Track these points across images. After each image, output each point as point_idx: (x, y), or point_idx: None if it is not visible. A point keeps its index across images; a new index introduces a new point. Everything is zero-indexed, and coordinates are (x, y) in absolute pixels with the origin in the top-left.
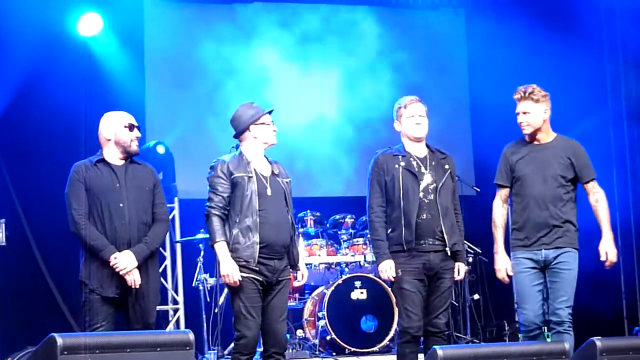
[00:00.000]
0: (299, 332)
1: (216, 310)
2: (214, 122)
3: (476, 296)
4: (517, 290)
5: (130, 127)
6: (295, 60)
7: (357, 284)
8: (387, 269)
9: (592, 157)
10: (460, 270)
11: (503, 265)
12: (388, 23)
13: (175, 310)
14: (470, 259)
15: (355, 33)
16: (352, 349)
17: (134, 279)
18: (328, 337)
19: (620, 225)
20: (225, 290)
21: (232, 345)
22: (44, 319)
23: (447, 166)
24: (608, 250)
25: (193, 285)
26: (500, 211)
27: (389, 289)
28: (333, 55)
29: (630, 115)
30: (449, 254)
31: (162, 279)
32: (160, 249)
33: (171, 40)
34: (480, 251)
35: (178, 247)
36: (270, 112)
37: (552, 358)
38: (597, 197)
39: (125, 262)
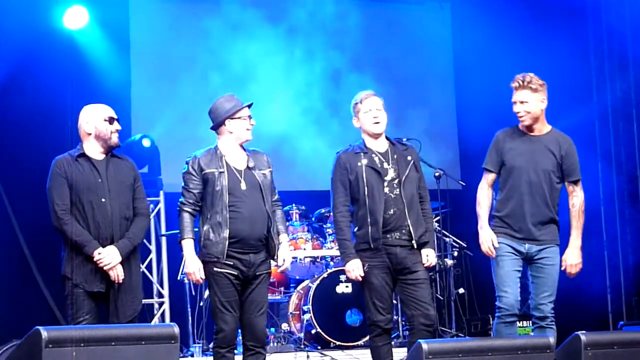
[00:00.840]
0: (284, 326)
1: (201, 304)
2: (200, 115)
3: (461, 290)
4: (497, 274)
5: (110, 120)
6: (281, 53)
7: (342, 277)
8: (355, 269)
9: (577, 150)
10: (430, 256)
11: (488, 236)
12: (374, 17)
13: (160, 304)
14: (456, 253)
15: (341, 26)
16: (337, 343)
17: (117, 274)
18: (313, 331)
19: (604, 219)
20: None
21: None
22: (30, 312)
23: (409, 157)
24: (567, 261)
25: (178, 278)
26: (486, 193)
27: None
28: (319, 49)
29: (615, 109)
30: (416, 247)
31: (147, 272)
32: (146, 242)
33: (157, 34)
34: (465, 245)
35: (163, 240)
36: (249, 106)
37: (537, 352)
38: (574, 202)
39: (109, 257)
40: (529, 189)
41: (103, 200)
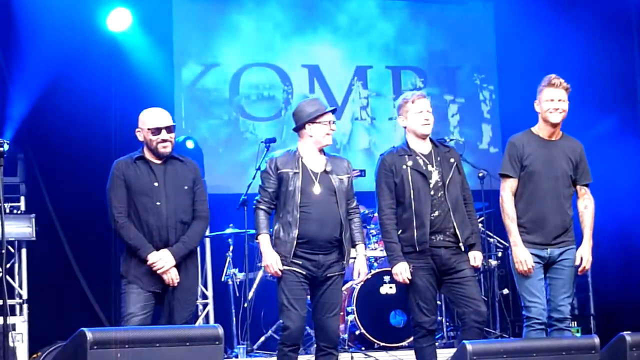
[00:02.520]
0: None
1: (245, 305)
2: (243, 117)
3: (505, 291)
4: (522, 284)
5: (155, 131)
6: (324, 53)
7: (386, 278)
8: (402, 272)
9: (622, 151)
10: (477, 257)
11: (526, 256)
12: (416, 16)
13: (205, 305)
14: (500, 254)
15: (383, 26)
16: (381, 344)
17: (171, 277)
18: (357, 332)
19: None
20: (254, 285)
21: (262, 339)
22: (74, 313)
23: (452, 160)
24: (584, 257)
25: (222, 280)
26: (512, 204)
27: None
28: (362, 48)
29: None
30: (463, 249)
31: None
32: None
33: (200, 35)
34: (509, 245)
35: (207, 242)
36: (333, 112)
37: (582, 353)
38: (587, 203)
39: (162, 261)
40: (550, 194)
41: (158, 204)
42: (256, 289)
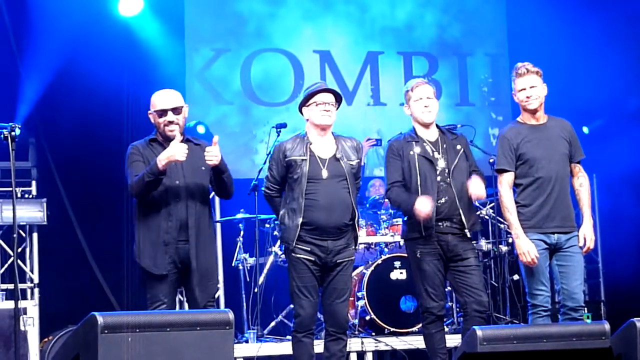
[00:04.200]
0: None
1: (256, 290)
2: (254, 102)
3: (516, 277)
4: (528, 272)
5: (161, 113)
6: (335, 40)
7: (397, 264)
8: (423, 206)
9: (632, 137)
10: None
11: (529, 247)
12: (428, 1)
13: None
14: (510, 240)
15: (394, 12)
16: (391, 329)
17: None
18: (367, 317)
19: None
20: (265, 270)
21: (272, 324)
22: (85, 297)
23: (458, 146)
24: (587, 236)
25: (233, 265)
26: (512, 197)
27: None
28: (372, 31)
29: None
30: (468, 235)
31: None
32: None
33: (211, 20)
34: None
35: (218, 227)
36: (324, 91)
37: (592, 339)
38: (582, 181)
39: (173, 145)
40: (553, 178)
41: (177, 182)
42: (267, 274)
